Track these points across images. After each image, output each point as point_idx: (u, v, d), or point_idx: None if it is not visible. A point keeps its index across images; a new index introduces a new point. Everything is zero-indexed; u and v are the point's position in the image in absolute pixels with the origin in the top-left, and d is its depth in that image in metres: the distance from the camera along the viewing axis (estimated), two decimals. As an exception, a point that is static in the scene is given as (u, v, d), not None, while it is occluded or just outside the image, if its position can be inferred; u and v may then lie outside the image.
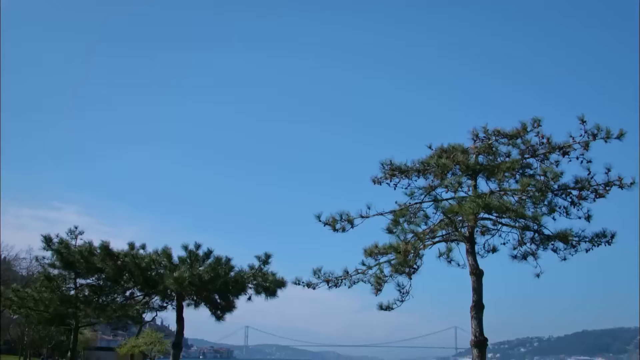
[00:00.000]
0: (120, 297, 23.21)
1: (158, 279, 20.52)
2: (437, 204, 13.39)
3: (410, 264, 13.08)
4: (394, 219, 13.49)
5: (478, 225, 13.90)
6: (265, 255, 21.26)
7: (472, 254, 13.50)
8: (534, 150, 13.46)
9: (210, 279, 19.55)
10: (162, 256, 20.90)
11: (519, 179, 13.14)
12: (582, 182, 13.10)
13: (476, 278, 13.36)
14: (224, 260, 20.51)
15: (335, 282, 14.83)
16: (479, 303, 13.24)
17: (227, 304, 21.46)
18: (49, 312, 23.31)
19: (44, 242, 22.22)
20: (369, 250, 14.06)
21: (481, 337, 13.08)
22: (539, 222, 13.00)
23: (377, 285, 13.85)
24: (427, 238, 13.43)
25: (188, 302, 21.65)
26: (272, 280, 20.89)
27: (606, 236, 13.40)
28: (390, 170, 14.23)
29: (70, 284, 23.45)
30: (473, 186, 13.56)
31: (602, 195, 13.08)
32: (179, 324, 21.61)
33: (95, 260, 21.04)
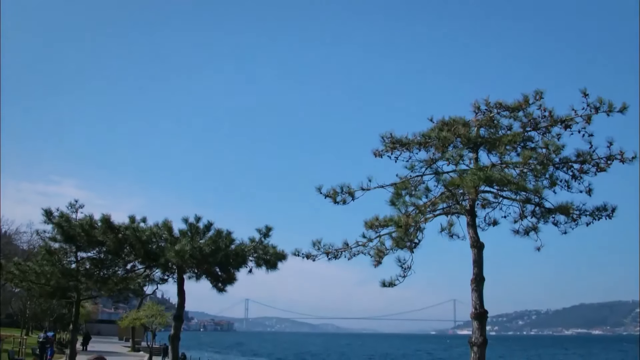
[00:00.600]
0: (121, 270, 23.32)
1: (159, 252, 20.59)
2: (438, 176, 13.37)
3: (412, 237, 13.10)
4: (395, 192, 13.47)
5: (479, 198, 13.90)
6: (266, 228, 21.33)
7: (473, 227, 13.51)
8: (536, 123, 13.39)
9: (211, 252, 19.63)
10: (163, 229, 20.99)
11: (521, 152, 13.09)
12: (584, 155, 13.05)
13: (477, 251, 13.39)
14: (224, 233, 20.59)
15: (335, 254, 14.83)
16: (479, 276, 13.29)
17: (228, 276, 21.58)
18: (50, 286, 23.45)
19: (45, 215, 22.26)
20: (370, 223, 14.05)
21: (481, 310, 13.15)
22: (540, 195, 12.98)
23: (377, 258, 13.87)
24: (428, 211, 13.42)
25: (189, 275, 21.77)
26: (272, 253, 20.98)
27: (607, 210, 13.39)
28: (391, 143, 14.16)
29: (71, 257, 23.56)
30: (474, 159, 13.51)
31: (604, 169, 13.04)
32: (180, 297, 21.74)
33: (96, 234, 21.10)
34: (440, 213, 14.08)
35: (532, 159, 12.24)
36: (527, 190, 12.69)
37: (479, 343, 12.98)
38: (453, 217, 13.96)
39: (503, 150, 13.34)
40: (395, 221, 12.81)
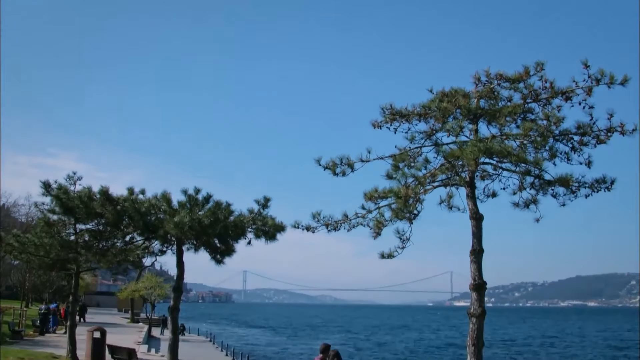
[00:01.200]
0: (120, 242, 23.34)
1: (158, 223, 20.60)
2: (438, 148, 13.33)
3: (411, 209, 13.11)
4: (395, 163, 13.46)
5: (478, 170, 13.89)
6: (265, 199, 21.33)
7: (472, 199, 13.53)
8: (537, 95, 13.32)
9: (210, 224, 19.64)
10: (162, 201, 20.97)
11: (521, 124, 13.05)
12: (584, 127, 13.03)
13: (476, 222, 13.42)
14: (223, 204, 20.60)
15: (335, 225, 14.86)
16: (478, 247, 13.33)
17: (227, 248, 21.62)
18: (49, 258, 23.46)
19: (43, 188, 22.18)
20: (369, 194, 14.05)
21: (480, 281, 13.22)
22: (540, 167, 12.96)
23: (376, 229, 13.89)
24: (427, 182, 13.41)
25: (188, 247, 21.80)
26: (271, 224, 21.00)
27: (606, 182, 13.40)
28: (390, 115, 14.12)
29: (70, 229, 23.52)
30: (474, 130, 13.48)
31: (603, 141, 13.03)
32: (179, 268, 21.81)
33: (94, 206, 21.08)
34: (440, 185, 14.08)
35: (532, 131, 12.21)
36: (527, 162, 12.67)
37: (478, 314, 13.07)
38: (452, 189, 13.96)
39: (503, 122, 13.31)
40: (395, 192, 12.82)
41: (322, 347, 15.70)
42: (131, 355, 21.41)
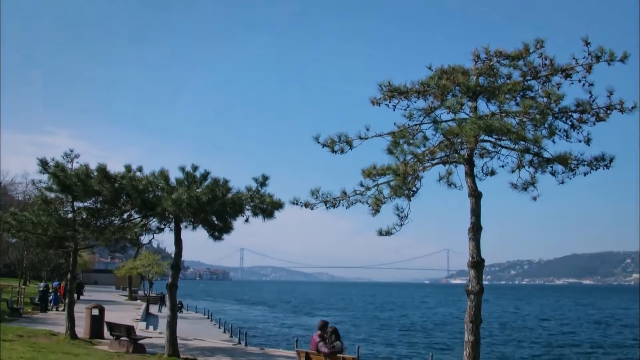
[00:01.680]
0: (117, 220, 23.32)
1: (156, 201, 20.57)
2: (436, 125, 13.27)
3: (410, 186, 13.09)
4: (393, 141, 13.40)
5: (477, 148, 13.85)
6: (263, 177, 21.28)
7: (471, 176, 13.50)
8: (536, 72, 13.24)
9: (208, 201, 19.60)
10: (160, 178, 20.92)
11: (521, 101, 12.98)
12: (584, 105, 12.95)
13: (474, 200, 13.41)
14: (221, 181, 20.55)
15: (333, 202, 14.83)
16: (476, 225, 13.34)
17: (225, 225, 21.61)
18: (47, 235, 23.45)
19: (40, 165, 22.10)
20: (367, 172, 14.02)
21: (478, 258, 13.24)
22: (540, 145, 12.91)
23: (375, 206, 13.87)
24: (426, 160, 13.38)
25: (186, 224, 21.81)
26: (269, 201, 20.99)
27: (605, 160, 13.35)
28: (389, 92, 14.02)
29: (67, 207, 23.49)
30: (473, 108, 13.42)
31: (603, 118, 12.95)
32: (177, 246, 21.83)
33: (92, 183, 21.02)
34: (438, 162, 14.03)
35: (532, 108, 12.15)
36: (527, 139, 12.62)
37: (476, 291, 13.12)
38: (451, 167, 13.92)
39: (502, 99, 13.24)
40: (394, 169, 12.78)
41: (321, 324, 15.82)
42: (130, 332, 21.45)
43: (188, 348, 23.49)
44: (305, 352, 15.59)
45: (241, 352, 24.37)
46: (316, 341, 15.28)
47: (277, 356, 23.25)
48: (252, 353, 24.07)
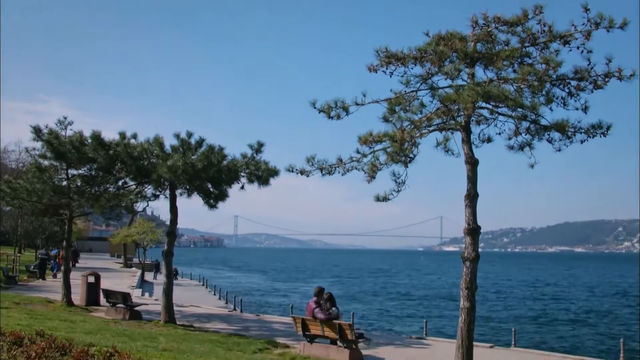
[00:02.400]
0: (112, 187, 23.26)
1: (151, 168, 20.49)
2: (433, 92, 13.17)
3: (407, 152, 13.03)
4: (390, 107, 13.31)
5: (474, 115, 13.77)
6: (258, 143, 21.20)
7: (468, 143, 13.45)
8: (534, 39, 13.11)
9: (203, 168, 19.55)
10: (154, 145, 20.82)
11: (519, 68, 12.87)
12: (582, 72, 12.84)
13: (471, 167, 13.38)
14: (216, 148, 20.46)
15: (329, 169, 14.76)
16: (473, 192, 13.32)
17: (220, 192, 21.58)
18: (42, 203, 23.37)
19: (34, 132, 21.97)
20: (364, 138, 13.93)
21: (474, 225, 13.25)
22: (537, 112, 12.85)
23: (371, 173, 13.83)
24: (423, 126, 13.30)
25: (181, 191, 21.77)
26: (264, 168, 20.93)
27: (602, 128, 13.28)
28: (386, 58, 13.88)
29: (62, 174, 23.39)
30: (471, 74, 13.31)
31: (601, 86, 12.86)
32: (172, 213, 21.81)
33: (86, 151, 20.92)
34: (435, 129, 13.94)
35: (530, 75, 12.05)
36: (524, 106, 12.55)
37: (472, 258, 13.15)
38: (448, 133, 13.85)
39: (500, 66, 13.12)
40: (391, 136, 12.71)
41: (316, 290, 15.88)
42: (126, 299, 21.54)
43: (184, 315, 23.63)
44: (301, 319, 15.66)
45: (237, 318, 24.52)
46: (312, 307, 15.34)
47: (273, 322, 23.40)
48: (247, 319, 24.21)
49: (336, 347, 15.01)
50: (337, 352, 14.81)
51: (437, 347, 18.12)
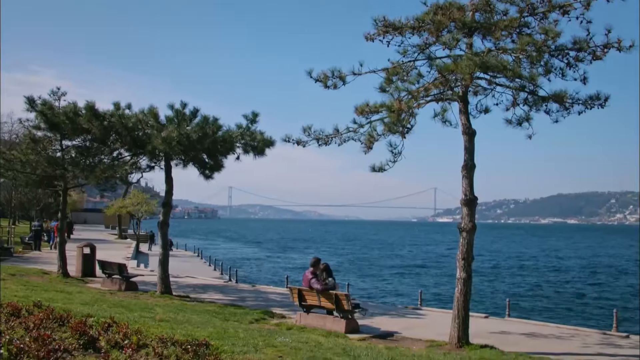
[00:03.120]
0: (107, 158, 23.15)
1: (145, 139, 20.37)
2: (431, 62, 13.07)
3: (404, 123, 12.97)
4: (387, 77, 13.22)
5: (472, 85, 13.69)
6: (253, 114, 21.04)
7: (465, 114, 13.39)
8: (533, 9, 13.00)
9: (198, 139, 19.44)
10: (149, 116, 20.63)
11: (518, 38, 12.77)
12: (581, 43, 12.76)
13: (468, 138, 13.35)
14: (211, 119, 20.32)
15: (325, 140, 14.71)
16: (470, 162, 13.31)
17: (215, 163, 21.50)
18: (36, 174, 23.25)
19: (27, 103, 21.74)
20: (360, 109, 13.85)
21: (471, 196, 13.26)
22: (536, 83, 12.79)
23: (368, 144, 13.78)
24: (420, 97, 13.22)
25: (176, 162, 21.67)
26: (260, 139, 20.82)
27: (600, 99, 13.24)
28: (383, 27, 13.75)
29: (56, 145, 23.24)
30: (469, 44, 13.20)
31: (600, 57, 12.78)
32: (167, 184, 21.73)
33: (81, 121, 20.76)
34: (432, 99, 13.87)
35: (529, 45, 11.95)
36: (523, 77, 12.47)
37: (468, 228, 13.19)
38: (446, 104, 13.77)
39: (498, 36, 13.02)
40: (388, 106, 12.63)
41: (313, 261, 15.91)
42: (122, 270, 21.56)
43: (180, 285, 23.68)
44: (297, 289, 15.71)
45: (232, 289, 24.60)
46: (309, 278, 15.38)
47: (269, 293, 23.48)
48: (243, 290, 24.28)
49: (332, 318, 15.09)
50: (334, 322, 14.88)
51: (432, 317, 18.23)
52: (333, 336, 13.40)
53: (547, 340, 14.76)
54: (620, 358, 12.75)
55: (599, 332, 16.46)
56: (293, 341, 10.40)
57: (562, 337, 15.21)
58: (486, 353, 12.07)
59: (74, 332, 7.19)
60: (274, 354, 8.70)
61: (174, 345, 7.32)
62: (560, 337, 15.20)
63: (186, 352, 6.80)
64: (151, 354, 6.88)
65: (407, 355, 10.52)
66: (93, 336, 7.13)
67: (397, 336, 14.62)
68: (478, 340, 13.24)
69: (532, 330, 16.29)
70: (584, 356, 12.68)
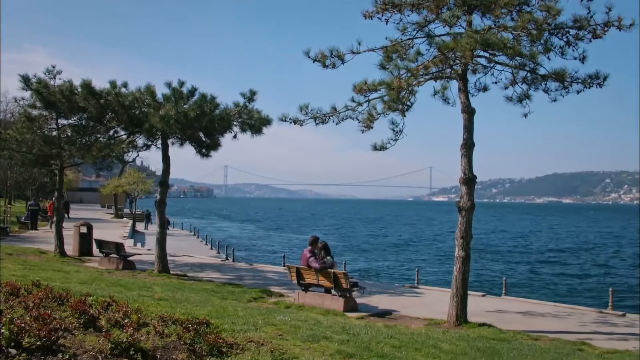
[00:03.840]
0: (103, 137, 23.02)
1: (142, 117, 20.24)
2: (430, 40, 12.95)
3: (404, 100, 12.89)
4: (386, 55, 13.13)
5: (470, 63, 13.59)
6: (250, 92, 20.87)
7: (465, 92, 13.32)
8: (533, -15, 12.88)
9: (196, 117, 19.31)
10: (146, 94, 20.47)
11: (517, 16, 12.67)
12: (581, 21, 12.66)
13: (467, 116, 13.29)
14: (209, 97, 20.16)
15: (323, 118, 14.63)
16: (469, 141, 13.26)
17: (213, 142, 21.40)
18: (32, 154, 23.08)
19: (22, 82, 21.55)
20: (359, 87, 13.76)
21: (470, 175, 13.23)
22: (536, 61, 12.72)
23: (367, 122, 13.71)
24: (420, 75, 13.13)
25: (173, 141, 21.56)
26: (257, 117, 20.70)
27: (599, 78, 13.17)
28: (382, 4, 13.63)
29: (52, 124, 23.09)
30: (468, 22, 13.08)
31: (599, 35, 12.68)
32: (165, 163, 21.63)
33: (77, 100, 20.61)
34: (430, 78, 13.79)
35: (530, 23, 11.84)
36: (523, 55, 12.39)
37: (467, 207, 13.18)
38: (445, 82, 13.70)
39: (498, 14, 12.90)
40: (388, 84, 12.54)
41: (311, 239, 15.89)
42: (119, 249, 21.50)
43: (177, 264, 23.69)
44: (296, 268, 15.70)
45: (230, 267, 24.63)
46: (307, 256, 15.36)
47: (266, 271, 23.52)
48: (241, 269, 24.32)
49: (331, 296, 15.10)
50: (332, 301, 14.90)
51: (429, 296, 18.29)
52: (331, 314, 13.44)
53: (544, 318, 14.83)
54: (617, 336, 12.79)
55: (595, 311, 16.53)
56: (292, 319, 10.42)
57: (559, 316, 15.27)
58: (484, 331, 12.12)
59: (74, 311, 7.16)
60: (274, 332, 8.71)
61: (174, 323, 7.31)
62: (557, 316, 15.26)
63: (187, 331, 6.78)
64: (152, 332, 6.87)
65: (406, 334, 10.55)
66: (93, 315, 7.10)
67: (395, 314, 14.66)
68: (475, 319, 13.29)
69: (529, 308, 16.36)
70: (581, 334, 12.72)
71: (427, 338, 10.16)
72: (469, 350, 9.39)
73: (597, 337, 12.44)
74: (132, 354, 5.77)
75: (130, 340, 5.88)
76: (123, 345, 5.81)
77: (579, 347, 11.06)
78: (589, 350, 10.81)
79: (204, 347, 6.48)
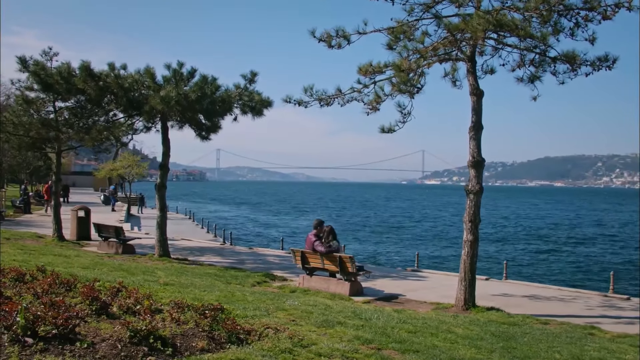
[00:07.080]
0: (101, 120, 22.74)
1: (142, 99, 19.97)
2: (439, 20, 12.74)
3: (414, 82, 12.69)
4: (394, 35, 12.89)
5: (477, 45, 13.39)
6: (251, 73, 20.60)
7: (473, 74, 13.12)
8: (544, -35, 12.65)
9: (197, 99, 19.06)
10: (145, 76, 20.16)
11: (526, -4, 12.44)
12: (592, 2, 12.45)
13: (476, 98, 13.10)
14: (209, 79, 19.90)
15: (327, 100, 14.45)
16: (477, 124, 13.09)
17: (212, 124, 21.17)
18: (29, 137, 22.78)
19: (20, 64, 21.20)
20: (364, 69, 13.56)
21: (479, 158, 13.07)
22: (547, 43, 12.52)
23: (374, 104, 13.53)
24: (429, 56, 12.93)
25: (172, 124, 21.32)
26: (258, 99, 20.45)
27: (608, 60, 12.98)
28: (389, -16, 13.38)
29: (49, 107, 22.77)
30: (477, 2, 12.85)
31: (609, 17, 12.46)
32: (164, 146, 21.37)
33: (75, 82, 20.32)
34: (437, 60, 13.59)
35: (542, 4, 11.61)
36: (534, 37, 12.19)
37: (475, 190, 13.04)
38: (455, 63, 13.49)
39: (509, -7, 12.68)
40: (397, 65, 12.33)
41: (316, 223, 15.74)
42: (118, 233, 21.28)
43: (176, 248, 23.49)
44: (301, 251, 15.55)
45: (230, 251, 24.50)
46: (312, 240, 15.22)
47: (267, 255, 23.39)
48: (241, 252, 24.19)
49: (336, 280, 14.98)
50: (337, 285, 14.78)
51: (433, 279, 18.20)
52: (338, 299, 13.33)
53: (550, 302, 14.75)
54: (625, 320, 12.74)
55: (600, 295, 16.48)
56: (302, 304, 10.29)
57: (564, 300, 15.21)
58: (493, 315, 12.03)
59: (85, 297, 7.00)
60: (287, 318, 8.58)
61: (189, 310, 7.16)
62: (563, 300, 15.20)
63: (204, 317, 6.62)
64: (168, 319, 6.72)
65: (417, 318, 10.44)
66: (105, 302, 6.95)
67: (401, 298, 14.55)
68: (482, 303, 13.21)
69: (534, 292, 16.29)
70: (589, 318, 12.66)
71: (439, 323, 10.06)
72: (484, 335, 9.28)
73: (605, 321, 12.37)
74: (151, 342, 5.62)
75: (150, 328, 5.72)
76: (142, 333, 5.66)
77: (589, 331, 11.00)
78: (600, 335, 10.73)
79: (222, 333, 6.34)
